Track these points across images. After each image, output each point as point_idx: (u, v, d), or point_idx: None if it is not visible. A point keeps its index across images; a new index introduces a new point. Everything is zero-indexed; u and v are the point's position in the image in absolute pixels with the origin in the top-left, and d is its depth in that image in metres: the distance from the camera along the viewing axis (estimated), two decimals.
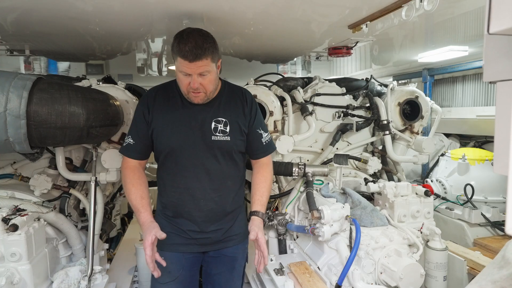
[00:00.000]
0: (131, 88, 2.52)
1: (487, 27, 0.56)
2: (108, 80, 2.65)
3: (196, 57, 1.47)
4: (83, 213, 2.41)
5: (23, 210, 1.85)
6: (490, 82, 0.61)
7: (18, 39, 2.44)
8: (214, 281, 1.86)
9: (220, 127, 1.68)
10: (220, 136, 1.67)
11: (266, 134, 1.82)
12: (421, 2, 1.50)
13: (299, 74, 4.46)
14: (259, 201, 1.75)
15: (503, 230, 2.85)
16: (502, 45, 0.59)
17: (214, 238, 1.78)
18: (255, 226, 1.68)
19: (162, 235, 1.54)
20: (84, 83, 2.23)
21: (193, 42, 1.47)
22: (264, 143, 1.80)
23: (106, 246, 2.42)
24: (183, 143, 1.66)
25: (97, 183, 2.14)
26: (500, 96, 0.60)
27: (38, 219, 1.88)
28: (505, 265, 0.71)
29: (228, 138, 1.69)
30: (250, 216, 1.73)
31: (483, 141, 3.84)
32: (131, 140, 1.71)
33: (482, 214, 2.90)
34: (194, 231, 1.74)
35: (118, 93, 2.24)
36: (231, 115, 1.71)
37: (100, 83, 2.38)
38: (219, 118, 1.69)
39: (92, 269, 1.94)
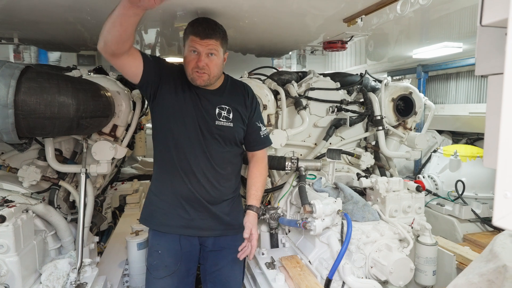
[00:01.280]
0: (123, 79, 2.49)
1: (479, 18, 0.55)
2: (100, 71, 2.60)
3: (207, 35, 1.58)
4: (73, 206, 2.38)
5: (11, 201, 1.81)
6: (482, 76, 0.61)
7: (6, 27, 2.37)
8: (214, 278, 1.85)
9: (224, 113, 1.74)
10: (223, 121, 1.74)
11: (264, 128, 1.90)
12: None
13: (294, 68, 4.45)
14: (254, 195, 1.82)
15: (492, 226, 2.89)
16: (495, 38, 0.59)
17: (213, 225, 1.78)
18: (249, 222, 1.75)
19: None
20: (74, 73, 2.19)
21: (206, 23, 1.63)
22: (262, 136, 1.88)
23: (96, 239, 2.40)
24: (187, 126, 1.70)
25: (87, 175, 2.11)
26: (492, 90, 0.60)
27: (27, 211, 1.84)
28: (492, 259, 0.72)
29: (231, 125, 1.76)
30: (246, 209, 1.80)
31: (475, 138, 3.87)
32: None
33: (472, 210, 2.93)
34: (193, 214, 1.76)
35: (109, 84, 2.21)
36: (234, 104, 1.78)
37: (91, 73, 2.34)
38: (223, 105, 1.75)
39: (81, 262, 1.92)
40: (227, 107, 1.75)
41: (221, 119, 1.73)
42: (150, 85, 1.69)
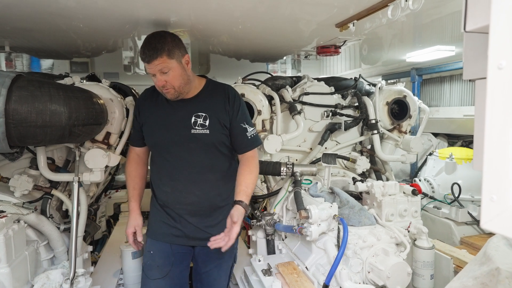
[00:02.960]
0: (116, 86, 2.47)
1: (463, 24, 0.56)
2: (92, 78, 2.59)
3: (151, 57, 1.60)
4: (66, 215, 2.34)
5: (2, 211, 1.78)
6: (470, 80, 0.60)
7: None
8: (202, 280, 1.93)
9: (200, 121, 1.76)
10: (199, 129, 1.75)
11: (252, 128, 1.84)
12: (406, 1, 1.49)
13: (289, 73, 4.45)
14: (243, 191, 1.73)
15: None
16: (480, 43, 0.59)
17: (203, 234, 1.80)
18: (229, 216, 1.65)
19: (139, 237, 1.85)
20: (66, 81, 2.17)
21: (148, 45, 1.61)
22: (249, 137, 1.83)
23: (90, 248, 2.36)
24: (165, 137, 1.77)
25: (80, 184, 2.09)
26: (479, 94, 0.60)
27: (18, 221, 1.82)
28: (486, 262, 0.71)
29: (207, 132, 1.75)
30: (233, 205, 1.69)
31: (470, 141, 3.89)
32: (133, 131, 1.96)
33: (468, 212, 2.93)
34: (181, 223, 1.81)
35: (102, 91, 2.18)
36: (211, 110, 1.78)
37: (84, 81, 2.32)
38: (199, 113, 1.77)
39: (74, 272, 1.89)
40: (204, 114, 1.75)
41: (196, 127, 1.74)
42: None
